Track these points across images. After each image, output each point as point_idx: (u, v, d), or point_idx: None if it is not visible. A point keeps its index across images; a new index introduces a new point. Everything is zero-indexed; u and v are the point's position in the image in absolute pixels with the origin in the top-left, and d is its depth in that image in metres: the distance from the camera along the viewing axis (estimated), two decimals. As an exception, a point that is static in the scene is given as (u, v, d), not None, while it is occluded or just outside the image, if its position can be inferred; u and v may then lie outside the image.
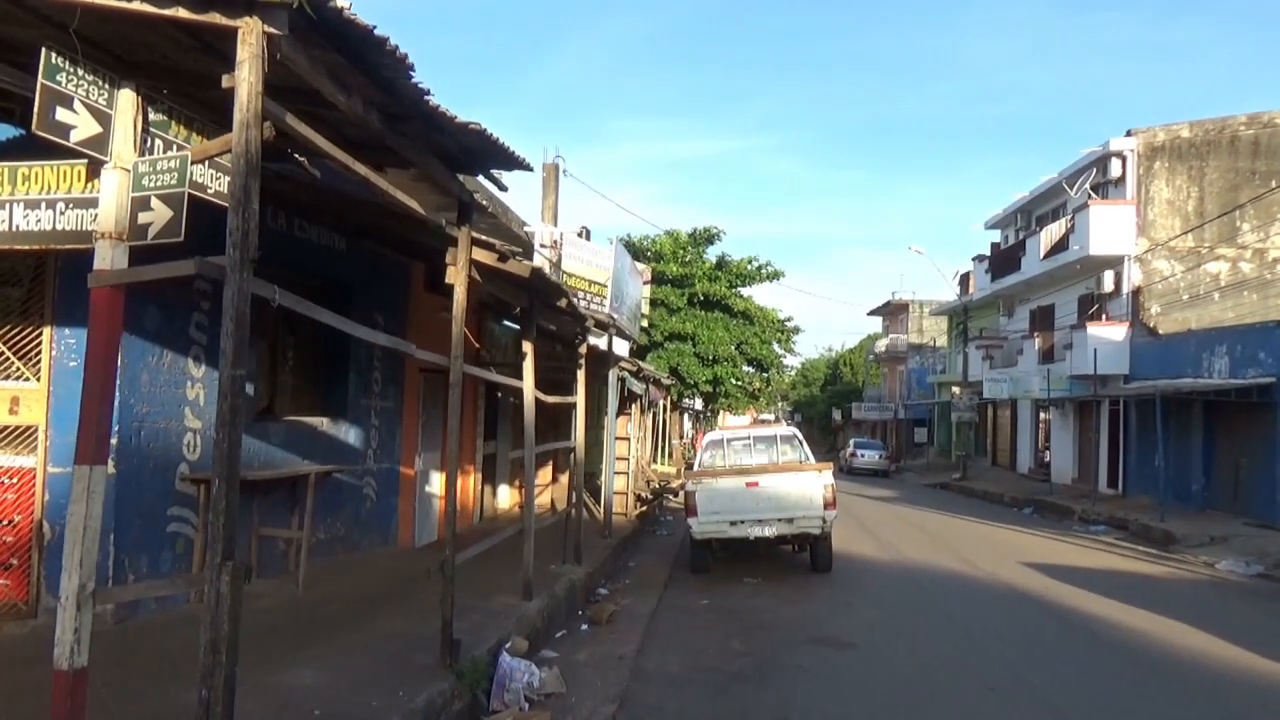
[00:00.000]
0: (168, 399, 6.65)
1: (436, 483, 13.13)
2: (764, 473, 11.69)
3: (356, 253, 9.60)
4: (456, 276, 5.93)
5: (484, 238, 6.09)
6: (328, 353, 9.60)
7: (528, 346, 8.24)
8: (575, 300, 10.08)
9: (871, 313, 62.41)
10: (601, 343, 14.10)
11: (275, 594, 7.57)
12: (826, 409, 66.74)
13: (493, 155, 5.41)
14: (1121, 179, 26.51)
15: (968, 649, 8.07)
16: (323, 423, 9.15)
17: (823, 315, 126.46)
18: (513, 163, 5.51)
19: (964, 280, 44.05)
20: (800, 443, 13.10)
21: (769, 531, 11.42)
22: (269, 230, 8.01)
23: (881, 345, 59.54)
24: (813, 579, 11.77)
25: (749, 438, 13.55)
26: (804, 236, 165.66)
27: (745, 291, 35.04)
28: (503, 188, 6.01)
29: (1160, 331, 24.58)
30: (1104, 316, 26.58)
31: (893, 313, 59.06)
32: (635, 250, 31.07)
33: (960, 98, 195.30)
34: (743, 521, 11.46)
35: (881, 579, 11.89)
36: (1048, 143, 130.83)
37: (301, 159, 6.63)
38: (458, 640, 5.95)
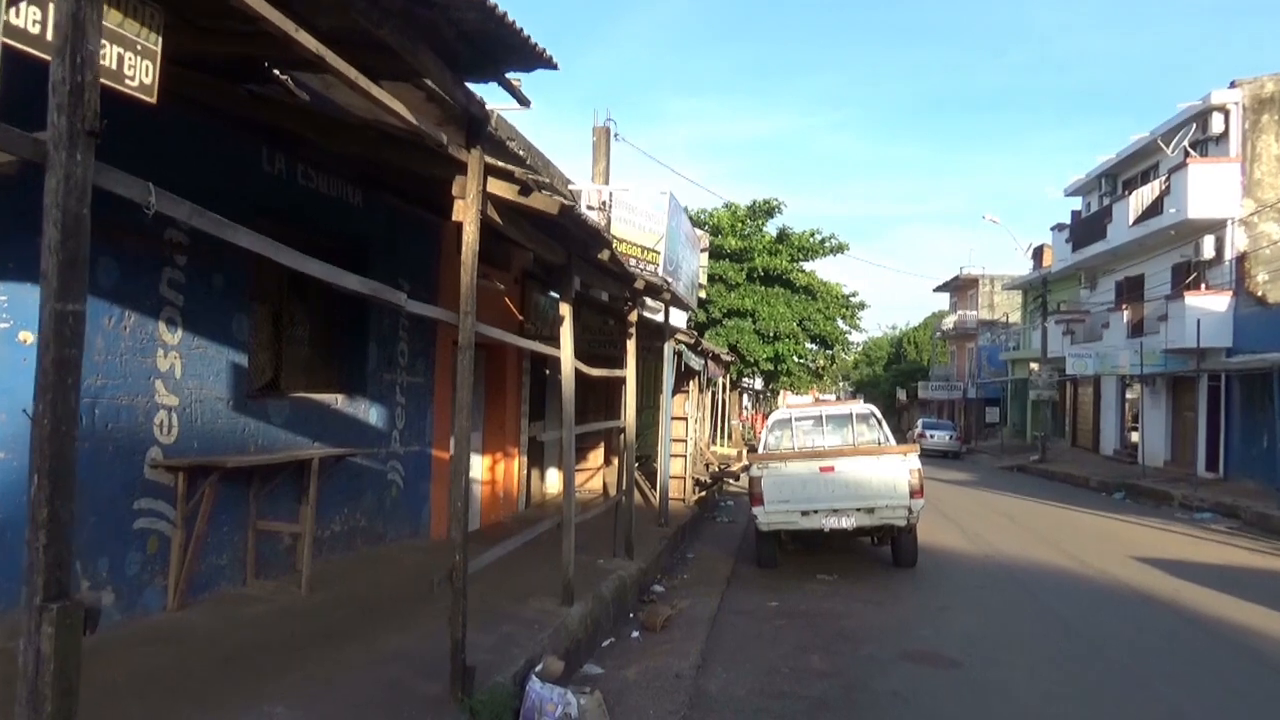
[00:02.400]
0: (132, 370, 5.56)
1: (478, 466, 12.04)
2: (840, 456, 10.30)
3: (375, 208, 8.46)
4: (465, 213, 4.70)
5: (501, 164, 4.86)
6: (344, 322, 8.49)
7: (565, 309, 7.00)
8: (625, 262, 8.79)
9: (939, 288, 60.05)
10: (656, 315, 12.83)
11: (272, 598, 6.48)
12: (890, 388, 64.60)
13: (504, 47, 4.15)
14: (1224, 135, 24.29)
15: (1101, 671, 6.64)
16: (337, 400, 8.05)
17: (886, 292, 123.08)
18: (531, 58, 4.25)
19: (1038, 253, 41.87)
20: (879, 422, 11.67)
21: (846, 523, 10.06)
22: (264, 175, 6.89)
23: (949, 322, 57.15)
24: (896, 576, 10.39)
25: (820, 416, 12.17)
26: (864, 214, 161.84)
27: (808, 266, 33.42)
28: (524, 101, 4.75)
29: (1269, 300, 22.40)
30: (1203, 285, 24.42)
31: (961, 288, 56.64)
32: (692, 222, 29.69)
33: (1026, 69, 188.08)
34: (816, 511, 10.12)
35: (975, 577, 10.44)
36: (1118, 114, 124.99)
37: (284, 76, 5.47)
38: (472, 666, 4.77)
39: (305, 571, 6.71)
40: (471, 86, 4.62)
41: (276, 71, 5.34)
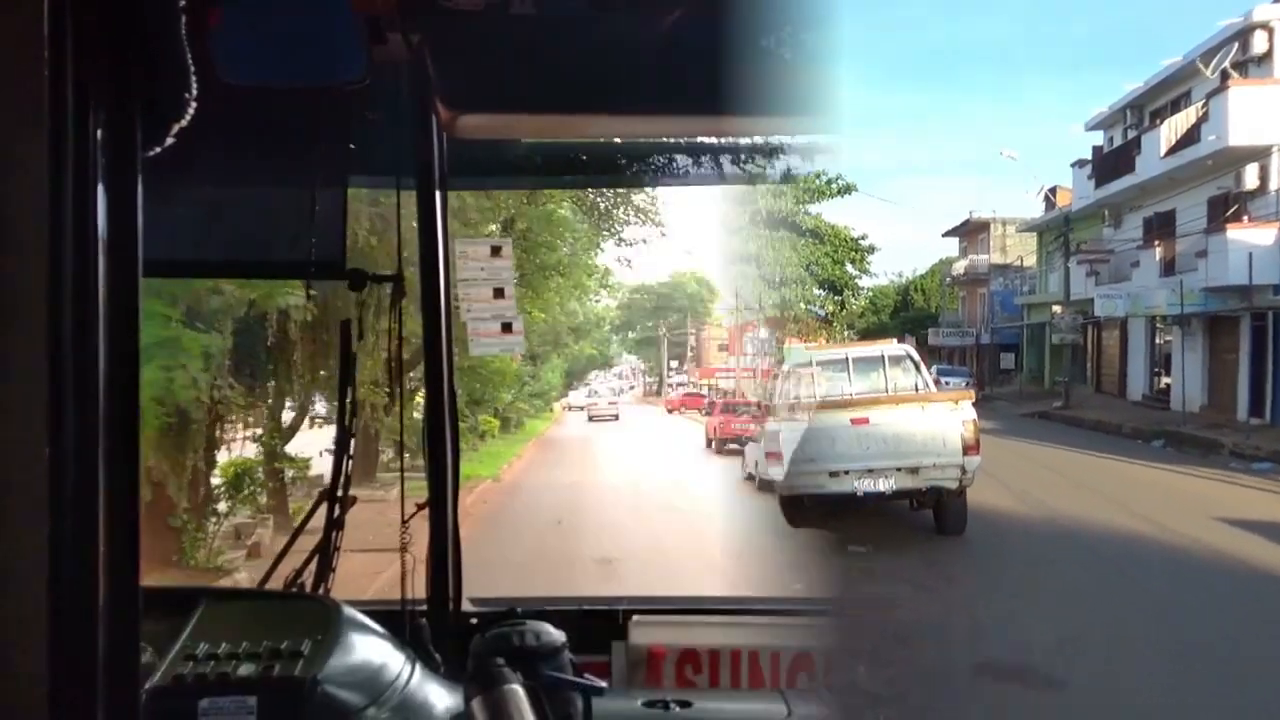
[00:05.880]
0: None
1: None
2: (877, 405, 8.50)
3: None
4: None
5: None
6: None
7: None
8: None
9: (948, 233, 58.11)
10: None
11: None
12: (899, 336, 63.04)
13: None
14: (1268, 54, 22.36)
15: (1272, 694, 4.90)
16: None
17: (893, 239, 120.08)
18: None
19: (1050, 195, 40.10)
20: (917, 366, 9.89)
21: (884, 485, 8.32)
22: None
23: (960, 267, 55.24)
24: (943, 547, 8.68)
25: (844, 359, 10.35)
26: (865, 167, 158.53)
27: (814, 209, 31.53)
28: None
29: (1322, 232, 20.51)
30: (1245, 218, 22.50)
31: (971, 232, 54.64)
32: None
33: (1026, 20, 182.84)
34: (847, 472, 8.37)
35: (1040, 548, 8.70)
36: (1122, 62, 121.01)
37: None
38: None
39: None
40: None
41: None
